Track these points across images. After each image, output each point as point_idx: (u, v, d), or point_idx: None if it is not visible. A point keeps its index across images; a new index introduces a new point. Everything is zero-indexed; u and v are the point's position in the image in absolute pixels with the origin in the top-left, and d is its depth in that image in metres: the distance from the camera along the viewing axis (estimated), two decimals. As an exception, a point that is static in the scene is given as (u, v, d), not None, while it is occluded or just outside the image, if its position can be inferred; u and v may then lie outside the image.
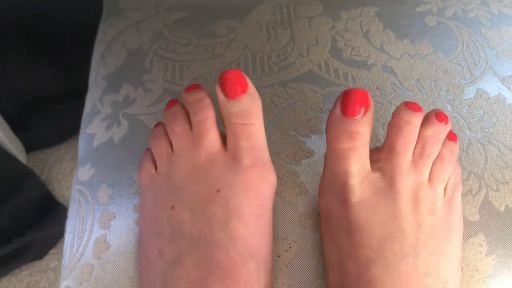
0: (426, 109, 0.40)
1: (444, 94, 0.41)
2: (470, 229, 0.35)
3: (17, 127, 0.83)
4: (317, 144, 0.38)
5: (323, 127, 0.39)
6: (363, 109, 0.30)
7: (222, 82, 0.32)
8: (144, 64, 0.44)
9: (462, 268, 0.34)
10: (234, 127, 0.32)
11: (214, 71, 0.43)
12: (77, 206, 0.38)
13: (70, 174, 0.90)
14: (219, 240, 0.30)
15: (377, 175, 0.32)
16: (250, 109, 0.32)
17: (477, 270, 0.34)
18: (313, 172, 0.37)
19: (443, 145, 0.33)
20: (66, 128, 0.88)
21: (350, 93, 0.31)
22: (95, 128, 0.41)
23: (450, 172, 0.33)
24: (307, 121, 0.39)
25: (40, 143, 0.90)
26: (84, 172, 0.39)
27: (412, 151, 0.32)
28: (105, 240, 0.35)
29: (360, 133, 0.31)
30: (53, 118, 0.85)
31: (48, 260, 0.82)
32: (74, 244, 0.36)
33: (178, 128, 0.33)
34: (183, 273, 0.30)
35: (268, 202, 0.33)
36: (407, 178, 0.31)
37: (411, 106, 0.32)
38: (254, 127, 0.33)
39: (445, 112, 0.39)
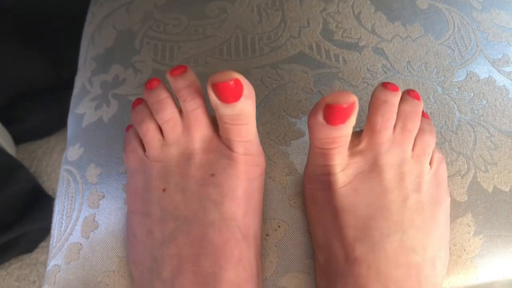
0: (417, 91, 0.40)
1: (434, 76, 0.41)
2: (458, 209, 0.35)
3: (6, 119, 0.81)
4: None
5: (314, 108, 0.39)
6: (347, 117, 0.29)
7: (215, 87, 0.29)
8: (134, 45, 0.43)
9: (450, 248, 0.34)
10: (227, 126, 0.31)
11: (205, 51, 0.42)
12: (65, 186, 0.38)
13: (59, 166, 0.88)
14: (213, 220, 0.30)
15: (358, 158, 0.32)
16: (243, 112, 0.31)
17: (465, 250, 0.34)
18: (302, 152, 0.37)
19: (421, 121, 0.33)
20: (56, 120, 0.86)
21: (334, 108, 0.28)
22: (84, 108, 0.41)
23: (433, 145, 0.33)
24: (297, 102, 0.39)
25: (29, 135, 0.89)
26: (72, 152, 0.39)
27: (391, 128, 0.32)
28: (93, 220, 0.35)
29: (344, 136, 0.30)
30: (42, 109, 0.84)
31: (38, 254, 0.81)
32: (62, 223, 0.36)
33: (167, 116, 0.32)
34: (174, 251, 0.30)
35: (258, 182, 0.33)
36: (390, 156, 0.32)
37: (388, 86, 0.32)
38: (247, 126, 0.32)
39: (435, 94, 0.39)
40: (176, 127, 0.32)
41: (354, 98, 0.28)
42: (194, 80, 0.32)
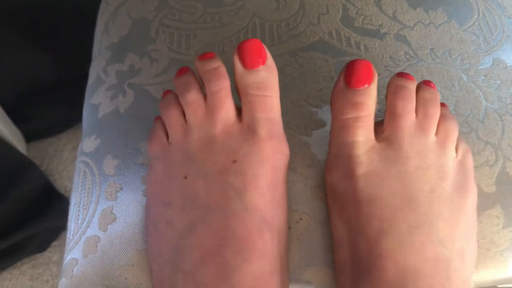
0: (441, 78, 0.39)
1: (459, 64, 0.39)
2: (486, 201, 0.34)
3: (16, 117, 0.81)
4: (329, 114, 0.37)
5: (335, 98, 0.38)
6: (367, 80, 0.30)
7: (241, 52, 0.31)
8: (149, 34, 0.42)
9: (478, 241, 0.33)
10: (250, 98, 0.31)
11: (222, 40, 0.41)
12: (82, 178, 0.37)
13: (71, 164, 0.88)
14: (235, 210, 0.29)
15: (383, 144, 0.31)
16: (267, 81, 0.31)
17: (494, 243, 0.33)
18: (324, 143, 0.36)
19: (441, 108, 0.33)
20: (66, 117, 0.85)
21: (353, 64, 0.31)
22: (99, 98, 0.40)
23: (456, 131, 0.32)
24: (318, 91, 0.38)
25: (40, 133, 0.88)
26: (89, 143, 0.38)
27: (413, 112, 0.31)
28: (111, 212, 0.34)
29: (365, 103, 0.30)
30: (52, 107, 0.83)
31: (51, 253, 0.80)
32: (79, 216, 0.35)
33: (191, 98, 0.32)
34: (196, 242, 0.29)
35: (282, 174, 0.32)
36: (414, 141, 0.31)
37: (403, 75, 0.32)
38: (271, 99, 0.32)
39: (461, 82, 0.38)
40: (199, 109, 0.32)
41: (371, 64, 0.31)
42: (220, 64, 0.32)
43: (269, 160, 0.31)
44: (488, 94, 0.38)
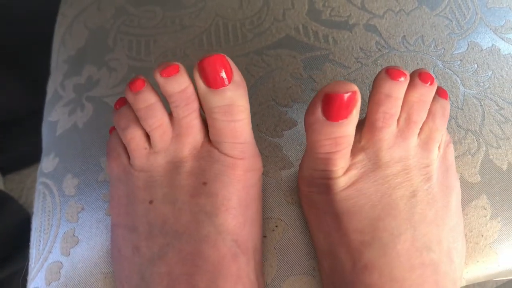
0: (415, 66, 0.37)
1: (433, 50, 0.38)
2: (471, 192, 0.32)
3: (-11, 150, 0.78)
4: (299, 113, 0.35)
5: (305, 95, 0.36)
6: (350, 111, 0.26)
7: (202, 69, 0.26)
8: (107, 43, 0.40)
9: (466, 235, 0.31)
10: (217, 124, 0.28)
11: (183, 43, 0.39)
12: (42, 201, 0.35)
13: None
14: (207, 234, 0.27)
15: (361, 157, 0.28)
16: (236, 102, 0.27)
17: (482, 236, 0.31)
18: (296, 143, 0.34)
19: (433, 102, 0.30)
20: (41, 146, 0.83)
21: (334, 97, 0.25)
22: (57, 115, 0.38)
23: (443, 131, 0.30)
24: (287, 89, 0.36)
25: (16, 164, 0.85)
26: (47, 163, 0.36)
27: (395, 123, 0.28)
28: (73, 234, 0.32)
29: (346, 136, 0.26)
30: (27, 137, 0.80)
31: None
32: (40, 241, 0.33)
33: (157, 123, 0.28)
34: (164, 269, 0.27)
35: (255, 190, 0.30)
36: (394, 151, 0.28)
37: (392, 73, 0.27)
38: (240, 124, 0.28)
39: (436, 69, 0.36)
40: (165, 134, 0.29)
41: (355, 88, 0.25)
42: (188, 83, 0.28)
43: (241, 179, 0.29)
44: (465, 79, 0.36)
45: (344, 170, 0.28)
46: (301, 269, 0.31)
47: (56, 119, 0.38)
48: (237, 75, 0.27)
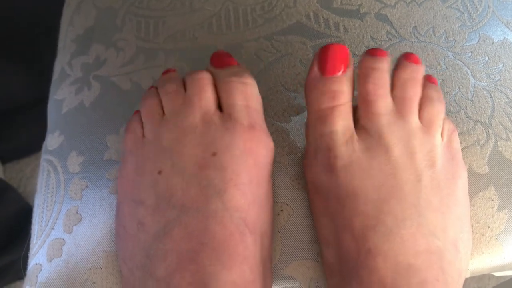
0: (426, 57, 0.36)
1: (444, 41, 0.37)
2: (479, 183, 0.32)
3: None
4: (308, 99, 0.35)
5: (314, 81, 0.35)
6: (342, 66, 0.28)
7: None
8: (115, 23, 0.40)
9: (472, 226, 0.31)
10: (229, 85, 0.29)
11: (192, 26, 0.39)
12: (45, 177, 0.34)
13: None
14: (214, 210, 0.26)
15: (362, 133, 0.28)
16: (243, 71, 0.30)
17: (489, 227, 0.31)
18: (303, 129, 0.34)
19: (425, 87, 0.30)
20: (43, 136, 0.82)
21: (327, 50, 0.28)
22: (64, 94, 0.37)
23: (442, 113, 0.30)
24: (296, 75, 0.36)
25: (16, 154, 0.85)
26: (52, 140, 0.36)
27: (388, 97, 0.29)
28: (76, 212, 0.32)
29: (342, 91, 0.28)
30: (27, 126, 0.80)
31: None
32: (43, 218, 0.33)
33: (171, 88, 0.30)
34: (170, 246, 0.26)
35: (267, 171, 0.30)
36: (393, 128, 0.28)
37: (374, 52, 0.29)
38: (250, 87, 0.30)
39: (447, 59, 0.36)
40: (177, 98, 0.29)
41: (346, 48, 0.29)
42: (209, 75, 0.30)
43: (253, 154, 0.28)
44: (476, 71, 0.36)
45: (345, 137, 0.28)
46: (304, 254, 0.30)
47: (62, 98, 0.37)
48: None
